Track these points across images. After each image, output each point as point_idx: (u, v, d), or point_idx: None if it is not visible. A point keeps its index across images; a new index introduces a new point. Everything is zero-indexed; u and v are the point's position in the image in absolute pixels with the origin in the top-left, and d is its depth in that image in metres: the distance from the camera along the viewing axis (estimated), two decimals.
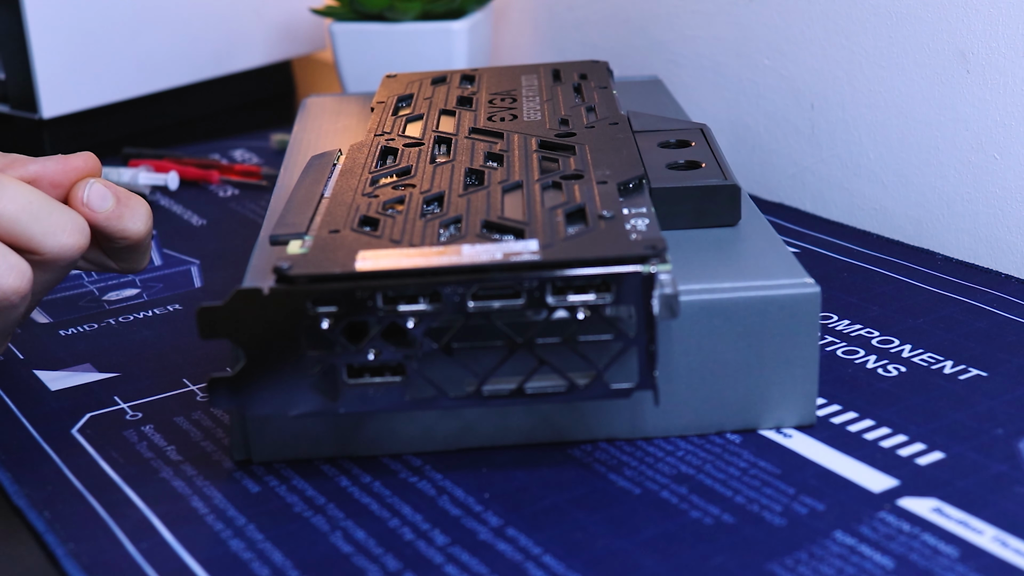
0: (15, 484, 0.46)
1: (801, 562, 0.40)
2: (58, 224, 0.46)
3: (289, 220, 0.47)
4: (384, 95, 0.64)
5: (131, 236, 0.50)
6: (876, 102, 0.69)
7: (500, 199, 0.48)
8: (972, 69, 0.64)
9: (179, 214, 0.77)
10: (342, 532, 0.43)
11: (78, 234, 0.47)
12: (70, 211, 0.47)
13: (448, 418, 0.47)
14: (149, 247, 0.52)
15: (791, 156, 0.75)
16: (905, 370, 0.52)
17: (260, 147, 0.90)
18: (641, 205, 0.47)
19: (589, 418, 0.47)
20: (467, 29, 0.86)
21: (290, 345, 0.42)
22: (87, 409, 0.52)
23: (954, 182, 0.66)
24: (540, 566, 0.40)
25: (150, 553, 0.42)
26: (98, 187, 0.49)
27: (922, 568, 0.39)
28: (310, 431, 0.47)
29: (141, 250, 0.52)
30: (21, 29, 0.86)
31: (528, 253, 0.42)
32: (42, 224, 0.46)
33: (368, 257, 0.43)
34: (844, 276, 0.62)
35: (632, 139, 0.54)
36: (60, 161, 0.49)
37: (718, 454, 0.46)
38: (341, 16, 0.89)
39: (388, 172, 0.52)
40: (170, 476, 0.47)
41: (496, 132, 0.56)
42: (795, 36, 0.73)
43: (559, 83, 0.64)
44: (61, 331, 0.60)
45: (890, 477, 0.44)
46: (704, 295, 0.46)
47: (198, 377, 0.54)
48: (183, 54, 0.97)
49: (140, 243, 0.51)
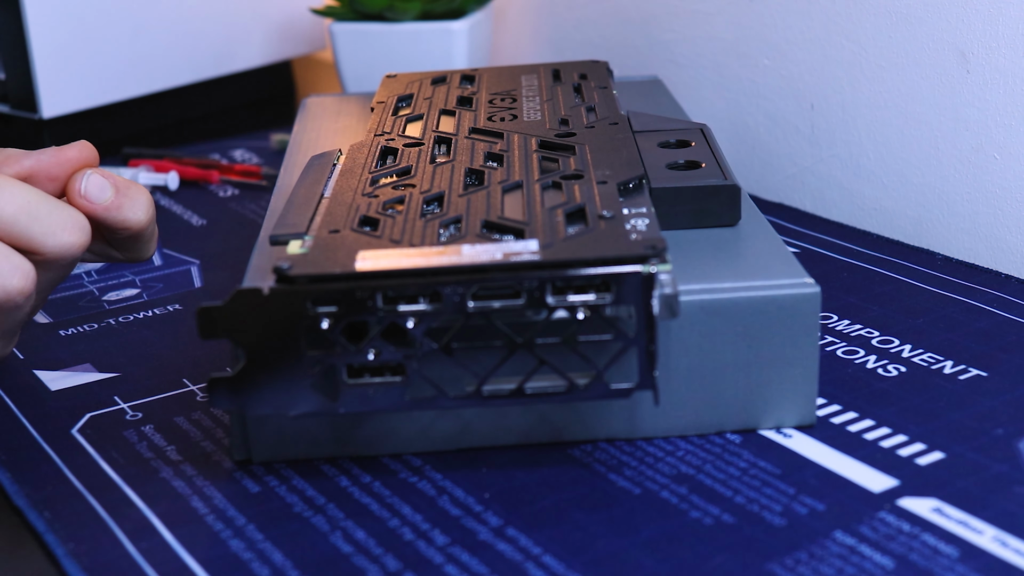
0: (15, 484, 0.46)
1: (801, 562, 0.40)
2: (58, 223, 0.45)
3: (289, 220, 0.47)
4: (384, 95, 0.64)
5: (133, 226, 0.49)
6: (876, 102, 0.69)
7: (500, 199, 0.48)
8: (972, 69, 0.64)
9: (179, 214, 0.77)
10: (342, 532, 0.43)
11: (79, 232, 0.46)
12: (69, 208, 0.46)
13: (447, 418, 0.47)
14: (153, 235, 0.51)
15: (791, 156, 0.75)
16: (905, 370, 0.52)
17: (260, 147, 0.90)
18: (641, 205, 0.47)
19: (589, 418, 0.47)
20: (467, 29, 0.86)
21: (290, 345, 0.42)
22: (87, 409, 0.52)
23: (954, 182, 0.66)
24: (540, 566, 0.40)
25: (150, 553, 0.42)
26: (96, 178, 0.48)
27: (922, 568, 0.39)
28: (310, 431, 0.47)
29: (145, 239, 0.50)
30: (21, 29, 0.86)
31: (528, 253, 0.42)
32: (42, 224, 0.45)
33: (368, 257, 0.43)
34: (844, 276, 0.62)
35: (632, 139, 0.54)
36: (55, 154, 0.48)
37: (718, 454, 0.46)
38: (341, 16, 0.89)
39: (388, 172, 0.52)
40: (170, 476, 0.47)
41: (496, 132, 0.56)
42: (795, 36, 0.73)
43: (559, 83, 0.64)
44: (61, 331, 0.60)
45: (890, 477, 0.44)
46: (704, 295, 0.46)
47: (198, 377, 0.54)
48: (183, 54, 0.97)
49: (143, 232, 0.50)
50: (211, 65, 0.99)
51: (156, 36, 0.94)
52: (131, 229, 0.49)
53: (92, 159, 0.49)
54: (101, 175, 0.48)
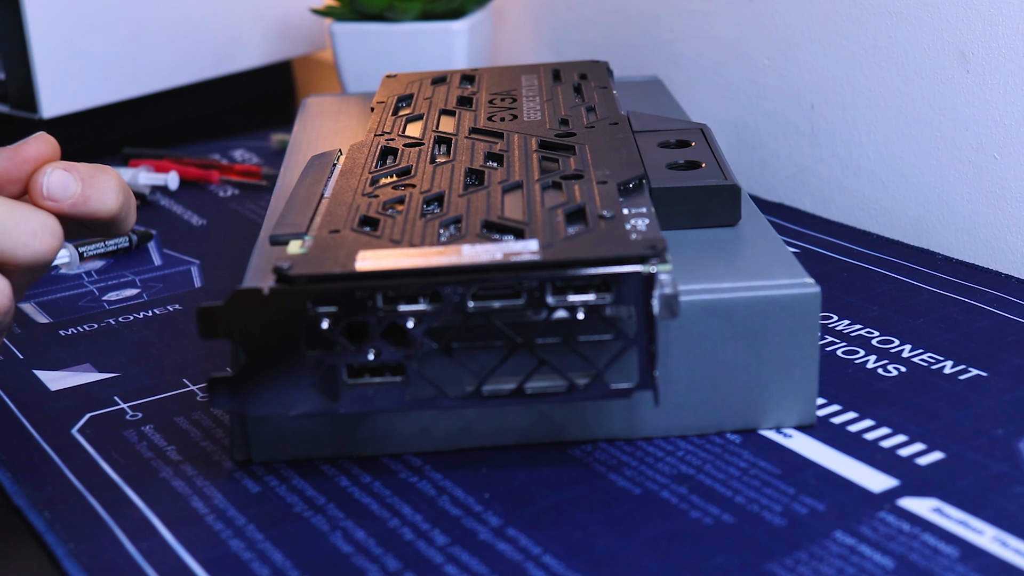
0: (15, 484, 0.46)
1: (801, 562, 0.40)
2: (27, 232, 0.43)
3: (289, 220, 0.47)
4: (384, 95, 0.64)
5: (104, 215, 0.46)
6: (876, 102, 0.69)
7: (500, 199, 0.48)
8: (972, 69, 0.64)
9: (179, 214, 0.77)
10: (342, 532, 0.43)
11: (49, 237, 0.44)
12: (36, 214, 0.44)
13: (448, 418, 0.47)
14: (128, 213, 0.48)
15: (791, 156, 0.75)
16: (905, 370, 0.52)
17: (260, 147, 0.90)
18: (641, 205, 0.47)
19: (589, 418, 0.47)
20: (467, 29, 0.86)
21: (290, 345, 0.42)
22: (87, 409, 0.52)
23: (954, 182, 0.66)
24: (540, 566, 0.40)
25: (150, 553, 0.42)
26: (57, 175, 0.45)
27: (922, 568, 0.39)
28: (310, 431, 0.47)
29: (119, 219, 0.47)
30: (21, 29, 0.86)
31: (528, 253, 0.42)
32: (11, 237, 0.43)
33: (368, 257, 0.43)
34: (844, 276, 0.62)
35: (632, 139, 0.54)
36: (12, 155, 0.46)
37: (718, 454, 0.46)
38: (341, 16, 0.89)
39: (388, 172, 0.52)
40: (170, 476, 0.47)
41: (496, 132, 0.56)
42: (795, 36, 0.73)
43: (559, 83, 0.64)
44: (61, 331, 0.60)
45: (890, 477, 0.44)
46: (704, 295, 0.46)
47: (198, 377, 0.54)
48: (183, 54, 0.97)
49: (115, 217, 0.47)
50: (211, 65, 0.99)
51: (156, 36, 0.94)
52: (103, 218, 0.46)
53: (52, 152, 0.46)
54: (63, 169, 0.45)
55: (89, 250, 0.68)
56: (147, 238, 0.71)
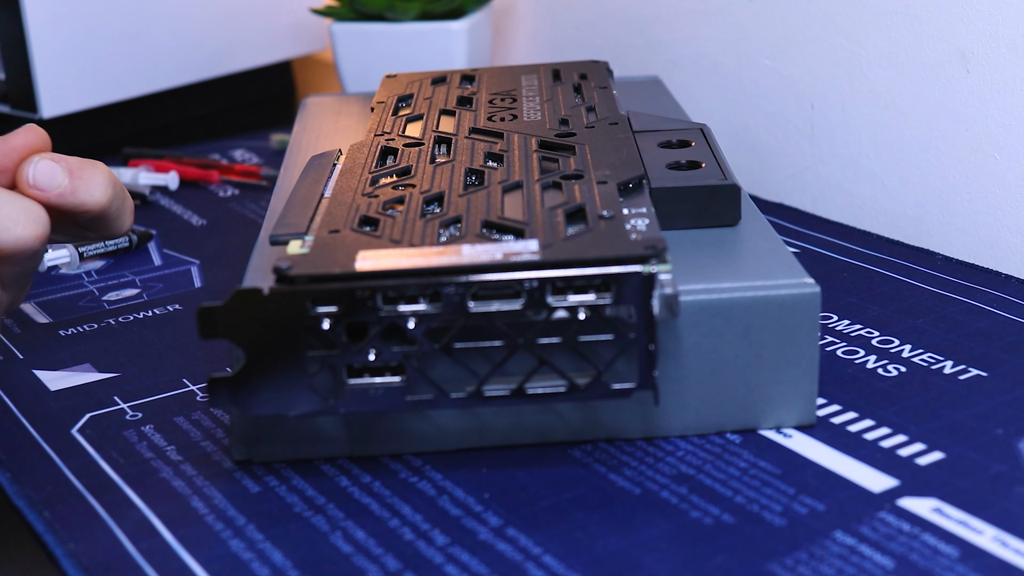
0: (15, 484, 0.46)
1: (801, 562, 0.40)
2: (10, 217, 0.43)
3: (289, 220, 0.47)
4: (384, 95, 0.64)
5: (92, 208, 0.45)
6: (876, 102, 0.69)
7: (500, 199, 0.48)
8: (972, 69, 0.64)
9: (179, 214, 0.77)
10: (342, 532, 0.43)
11: (33, 224, 0.43)
12: (20, 200, 0.43)
13: (448, 417, 0.47)
14: (122, 211, 0.48)
15: (791, 156, 0.75)
16: (905, 370, 0.52)
17: (260, 147, 0.90)
18: (641, 205, 0.47)
19: (589, 418, 0.47)
20: (467, 29, 0.86)
21: (290, 345, 0.42)
22: (87, 409, 0.52)
23: (954, 182, 0.66)
24: (540, 566, 0.40)
25: (150, 553, 0.42)
26: (45, 164, 0.44)
27: (922, 568, 0.39)
28: (310, 431, 0.47)
29: (111, 216, 0.47)
30: (21, 29, 0.86)
31: (528, 253, 0.42)
32: None
33: (368, 257, 0.43)
34: (844, 276, 0.62)
35: (632, 139, 0.54)
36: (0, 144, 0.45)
37: (718, 454, 0.46)
38: (341, 16, 0.89)
39: (388, 172, 0.52)
40: (170, 476, 0.47)
41: (496, 132, 0.56)
42: (795, 36, 0.73)
43: (559, 83, 0.64)
44: (61, 331, 0.60)
45: (890, 477, 0.44)
46: (704, 295, 0.46)
47: (198, 377, 0.54)
48: (183, 54, 0.97)
49: (106, 211, 0.46)
50: (211, 65, 0.99)
51: (156, 36, 0.94)
52: (91, 211, 0.46)
53: (42, 143, 0.46)
54: (51, 160, 0.45)
55: (89, 250, 0.68)
56: (147, 238, 0.71)
